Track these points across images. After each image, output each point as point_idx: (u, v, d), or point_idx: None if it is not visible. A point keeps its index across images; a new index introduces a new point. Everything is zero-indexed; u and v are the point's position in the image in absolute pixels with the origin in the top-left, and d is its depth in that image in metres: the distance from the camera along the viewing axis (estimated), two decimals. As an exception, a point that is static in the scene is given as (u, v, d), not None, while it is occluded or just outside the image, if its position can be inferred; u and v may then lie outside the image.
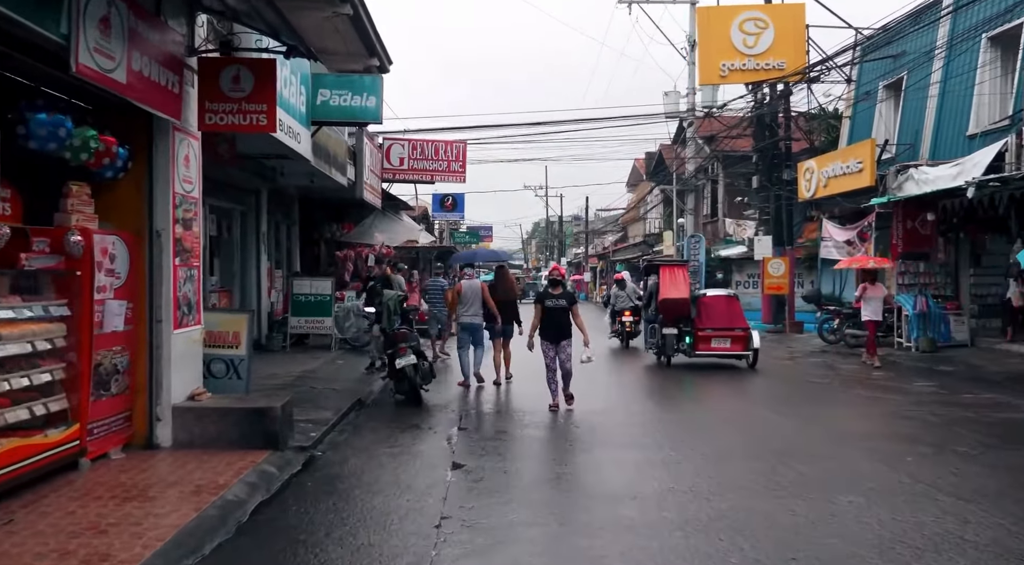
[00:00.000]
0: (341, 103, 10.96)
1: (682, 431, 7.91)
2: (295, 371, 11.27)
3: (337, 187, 15.39)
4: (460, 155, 18.83)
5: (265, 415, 6.41)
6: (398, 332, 9.44)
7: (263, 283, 14.40)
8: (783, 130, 21.69)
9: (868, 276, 13.34)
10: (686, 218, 31.25)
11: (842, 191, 17.36)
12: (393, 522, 4.85)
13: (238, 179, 13.10)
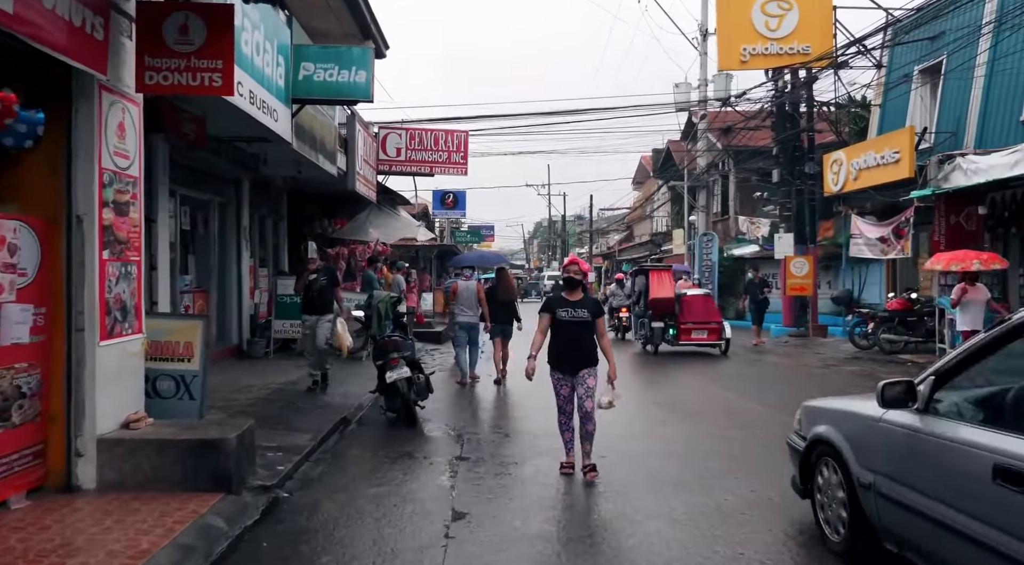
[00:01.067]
0: (327, 78, 9.63)
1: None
2: (275, 382, 9.94)
3: (328, 179, 14.07)
4: (461, 146, 17.49)
5: (216, 448, 5.08)
6: (389, 340, 8.11)
7: (244, 282, 13.08)
8: (806, 120, 20.37)
9: (969, 277, 11.79)
10: (697, 215, 29.89)
11: (875, 184, 16.02)
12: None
13: (215, 167, 11.78)
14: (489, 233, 55.71)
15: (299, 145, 10.51)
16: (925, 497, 3.43)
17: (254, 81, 7.80)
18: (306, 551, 4.30)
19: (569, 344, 5.96)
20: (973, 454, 3.11)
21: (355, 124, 14.21)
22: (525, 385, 9.00)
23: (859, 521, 3.98)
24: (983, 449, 3.07)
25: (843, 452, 4.13)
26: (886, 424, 3.79)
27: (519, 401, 9.60)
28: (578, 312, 5.95)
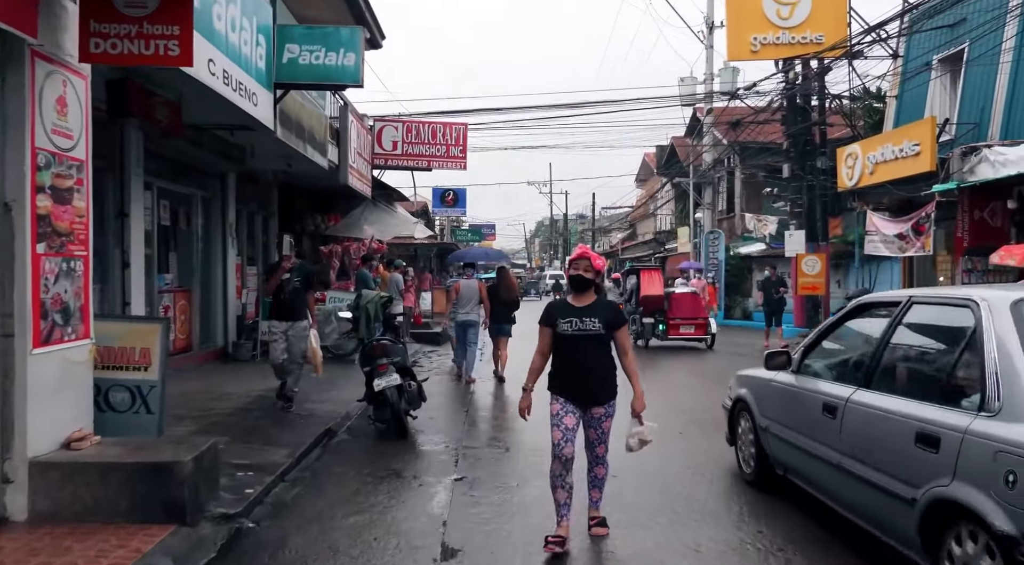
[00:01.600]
0: (312, 61, 8.92)
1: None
2: (257, 388, 9.23)
3: (320, 173, 13.40)
4: (460, 139, 16.77)
5: (168, 473, 4.38)
6: (378, 344, 7.40)
7: (230, 281, 12.38)
8: (817, 113, 19.63)
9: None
10: (703, 213, 29.17)
11: (893, 178, 15.27)
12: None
13: (198, 159, 11.10)
14: (490, 232, 54.96)
15: (284, 134, 9.81)
16: (793, 432, 4.87)
17: (229, 60, 7.10)
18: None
19: (577, 367, 4.37)
20: (816, 398, 4.58)
21: (348, 115, 13.51)
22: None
23: (761, 456, 5.43)
24: (820, 393, 4.57)
25: (752, 406, 5.62)
26: (775, 383, 5.27)
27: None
28: (588, 323, 4.33)
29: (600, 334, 4.36)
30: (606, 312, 4.44)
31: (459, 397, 9.77)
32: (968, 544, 3.15)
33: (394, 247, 29.88)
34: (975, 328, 3.48)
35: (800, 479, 4.86)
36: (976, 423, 3.20)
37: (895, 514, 3.60)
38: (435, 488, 5.53)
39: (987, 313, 3.46)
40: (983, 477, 3.07)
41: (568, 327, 4.37)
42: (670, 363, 14.11)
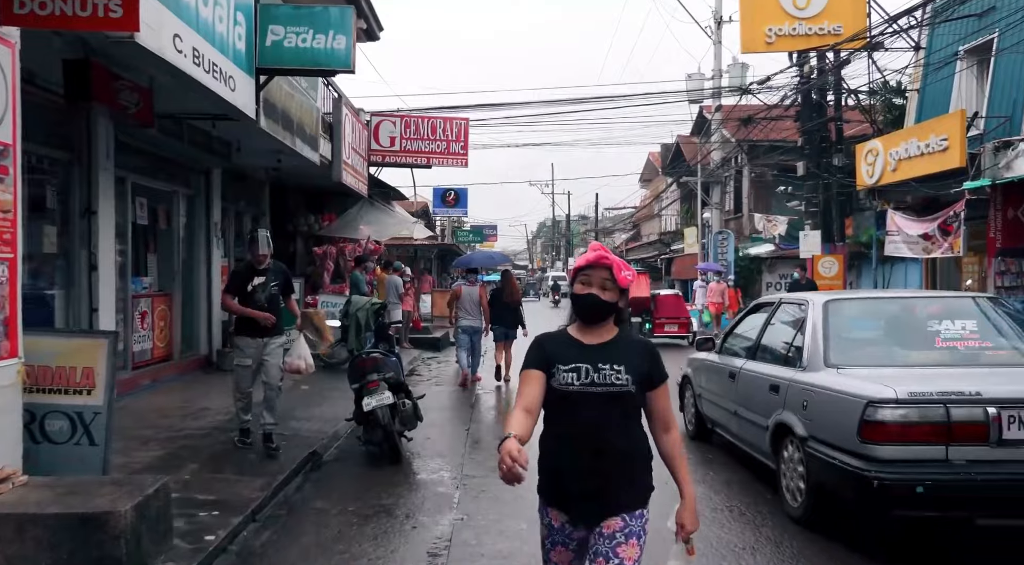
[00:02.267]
0: (299, 44, 8.10)
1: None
2: (238, 403, 8.41)
3: (314, 171, 12.62)
4: (461, 134, 15.95)
5: (101, 527, 3.57)
6: (368, 357, 6.58)
7: (215, 285, 11.55)
8: (834, 109, 18.81)
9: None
10: (712, 213, 28.34)
11: (919, 175, 14.47)
12: None
13: (179, 153, 10.30)
14: (492, 233, 54.15)
15: (269, 125, 9.00)
16: (716, 395, 6.62)
17: (200, 37, 6.29)
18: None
19: (583, 448, 2.54)
20: (726, 369, 6.33)
21: (342, 108, 12.70)
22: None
23: (698, 416, 7.27)
24: (728, 366, 6.30)
25: (692, 380, 7.43)
26: (707, 361, 7.02)
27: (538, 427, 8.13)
28: (607, 374, 2.52)
29: (627, 393, 2.51)
30: (638, 357, 2.56)
31: (460, 412, 8.96)
32: (791, 448, 4.95)
33: (393, 248, 29.05)
34: (804, 318, 5.25)
35: (719, 428, 6.80)
36: (795, 375, 5.02)
37: (759, 437, 5.48)
38: (431, 531, 4.71)
39: (810, 309, 5.27)
40: (795, 406, 4.88)
41: (572, 378, 2.50)
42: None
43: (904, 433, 4.05)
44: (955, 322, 4.98)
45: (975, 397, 4.04)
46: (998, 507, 4.09)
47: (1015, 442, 4.00)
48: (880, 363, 4.79)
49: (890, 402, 4.05)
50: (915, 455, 4.05)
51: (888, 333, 5.32)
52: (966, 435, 4.03)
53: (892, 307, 5.70)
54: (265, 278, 6.56)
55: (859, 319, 5.46)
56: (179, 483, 5.31)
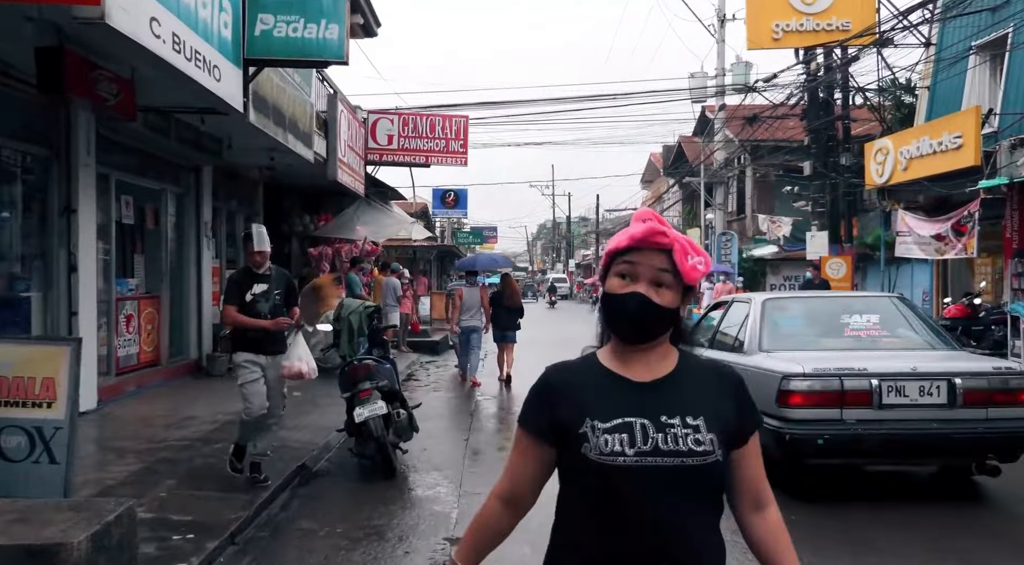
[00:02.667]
0: (290, 34, 7.71)
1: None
2: (226, 412, 7.99)
3: (309, 170, 12.25)
4: (461, 132, 15.56)
5: (50, 560, 3.16)
6: (359, 365, 6.18)
7: (206, 287, 11.18)
8: (841, 107, 18.43)
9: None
10: (715, 214, 27.96)
11: (931, 174, 14.07)
12: None
13: (167, 150, 9.91)
14: (492, 234, 53.83)
15: (259, 120, 8.61)
16: None
17: (181, 22, 5.89)
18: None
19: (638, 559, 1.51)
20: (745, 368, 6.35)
21: (337, 104, 12.31)
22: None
23: None
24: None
25: None
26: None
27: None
28: (679, 432, 1.52)
29: (713, 464, 1.53)
30: (719, 397, 1.62)
31: (459, 421, 8.56)
32: None
33: (391, 249, 28.68)
34: (748, 313, 6.19)
35: None
36: (738, 359, 5.74)
37: None
38: (424, 556, 4.31)
39: (752, 306, 6.30)
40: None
41: (621, 445, 1.52)
42: None
43: (809, 399, 5.22)
44: (863, 317, 6.23)
45: (862, 372, 5.24)
46: (880, 455, 5.56)
47: (891, 406, 5.22)
48: (799, 348, 5.87)
49: (799, 376, 5.23)
50: (817, 416, 5.22)
51: (809, 325, 6.48)
52: (855, 401, 5.20)
53: (816, 305, 7.08)
54: (267, 286, 5.47)
55: (789, 315, 6.61)
56: (154, 502, 4.92)
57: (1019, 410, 5.26)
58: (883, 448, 5.30)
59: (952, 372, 5.28)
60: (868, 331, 6.11)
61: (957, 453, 5.50)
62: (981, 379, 5.30)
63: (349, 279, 13.83)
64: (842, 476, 5.92)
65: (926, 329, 6.35)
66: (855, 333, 6.10)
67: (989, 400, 5.28)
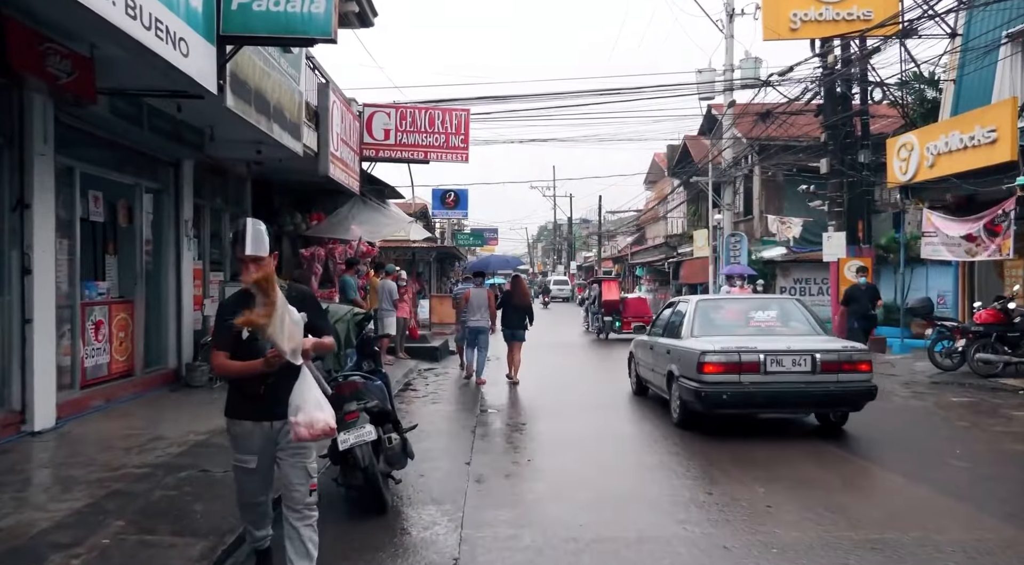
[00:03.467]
0: (271, 7, 6.86)
1: None
2: (198, 431, 7.16)
3: (300, 166, 11.45)
4: (462, 126, 14.72)
5: None
6: (345, 383, 5.32)
7: (186, 290, 10.34)
8: (860, 101, 17.60)
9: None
10: (723, 214, 27.12)
11: (961, 170, 13.28)
12: None
13: (142, 141, 9.09)
14: (493, 236, 53.04)
15: (239, 105, 7.76)
16: (645, 362, 9.92)
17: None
18: None
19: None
20: (648, 343, 9.70)
21: (329, 94, 11.48)
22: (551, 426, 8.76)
23: (638, 378, 10.49)
24: (650, 341, 9.67)
25: (634, 354, 10.77)
26: (640, 340, 10.50)
27: (548, 450, 6.88)
28: None
29: None
30: None
31: (460, 440, 7.71)
32: (674, 384, 8.17)
33: (390, 251, 27.83)
34: (687, 310, 8.66)
35: (647, 384, 10.01)
36: (677, 343, 8.31)
37: (662, 381, 8.71)
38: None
39: (689, 305, 8.80)
40: (676, 359, 8.18)
41: None
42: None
43: (718, 368, 7.43)
44: (764, 313, 8.65)
45: (754, 349, 7.51)
46: (765, 407, 7.87)
47: (773, 372, 7.43)
48: (716, 334, 8.14)
49: (711, 352, 7.53)
50: (723, 380, 7.43)
51: (726, 319, 8.72)
52: (748, 369, 7.42)
53: (734, 305, 9.55)
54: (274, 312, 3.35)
55: (714, 311, 8.85)
56: (92, 553, 4.07)
57: (859, 375, 7.56)
58: (767, 401, 7.65)
59: (814, 349, 7.59)
60: (766, 323, 8.52)
61: (818, 405, 7.90)
62: (833, 354, 7.57)
63: (344, 282, 12.99)
64: (741, 421, 8.25)
65: (807, 321, 8.56)
66: (757, 324, 8.51)
67: (839, 368, 7.50)
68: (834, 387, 7.45)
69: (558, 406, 9.99)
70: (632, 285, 40.37)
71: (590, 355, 17.53)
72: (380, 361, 6.22)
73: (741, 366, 7.39)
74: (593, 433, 8.13)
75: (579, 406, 9.94)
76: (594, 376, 13.50)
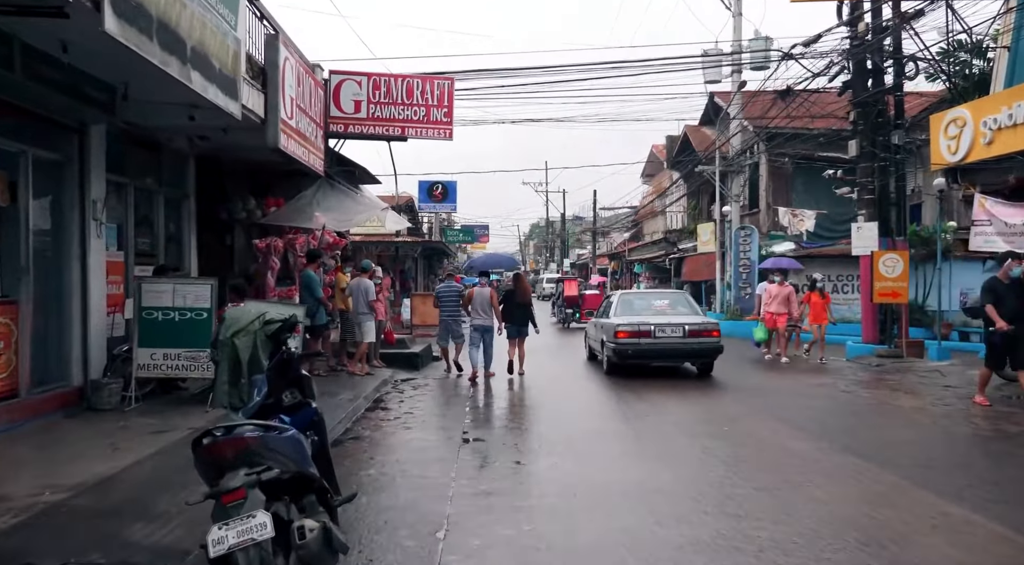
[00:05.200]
0: None
1: None
2: (63, 483, 5.09)
3: (254, 143, 9.43)
4: (445, 97, 12.66)
5: None
6: (226, 440, 3.24)
7: (93, 289, 8.25)
8: (894, 75, 15.66)
9: None
10: (732, 206, 25.16)
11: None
12: None
13: (22, 96, 7.04)
14: (483, 233, 50.88)
15: (125, 32, 5.62)
16: (591, 337, 14.52)
17: None
18: None
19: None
20: (596, 323, 13.97)
21: (279, 47, 9.42)
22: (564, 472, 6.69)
23: (589, 350, 14.94)
24: (596, 321, 14.11)
25: (586, 333, 15.64)
26: (593, 321, 14.71)
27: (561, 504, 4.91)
28: None
29: None
30: None
31: (434, 487, 5.65)
32: (604, 348, 12.69)
33: (371, 245, 25.75)
34: (614, 300, 13.61)
35: (593, 351, 14.13)
36: (606, 321, 12.62)
37: (599, 346, 13.04)
38: None
39: (615, 297, 14.00)
40: (606, 331, 12.49)
41: None
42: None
43: (626, 334, 11.72)
44: (661, 301, 13.32)
45: (648, 324, 11.87)
46: (656, 358, 12.16)
47: (659, 337, 11.74)
48: (628, 315, 12.40)
49: (623, 325, 11.84)
50: (630, 342, 11.71)
51: (637, 305, 13.14)
52: (645, 335, 11.72)
53: (642, 296, 14.97)
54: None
55: (630, 301, 13.50)
56: None
57: (712, 339, 11.87)
58: (656, 355, 12.01)
59: (685, 322, 11.94)
60: (661, 308, 12.86)
61: (686, 357, 12.27)
62: (697, 326, 11.98)
63: (306, 278, 10.95)
64: (640, 369, 12.18)
65: (688, 306, 13.06)
66: (655, 309, 12.79)
67: (699, 334, 11.85)
68: (696, 346, 11.89)
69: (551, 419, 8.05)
70: (630, 283, 38.41)
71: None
72: (311, 389, 4.17)
73: (640, 333, 11.77)
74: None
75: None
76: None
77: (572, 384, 11.81)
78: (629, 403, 9.69)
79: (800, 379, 12.21)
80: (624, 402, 9.78)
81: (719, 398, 10.23)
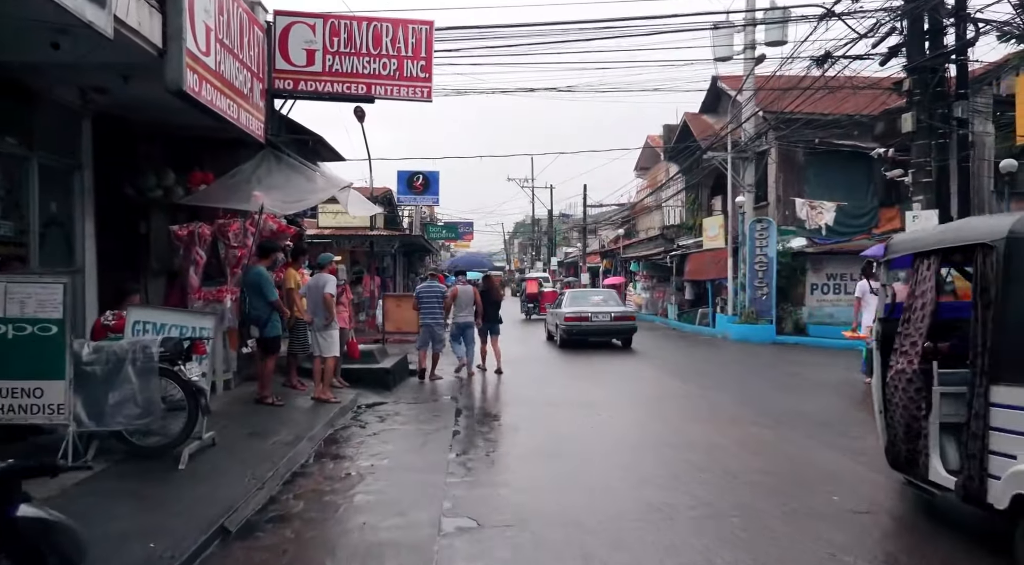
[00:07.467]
0: None
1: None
2: None
3: (174, 104, 6.76)
4: (422, 46, 9.96)
5: None
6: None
7: None
8: (955, 36, 13.20)
9: None
10: (745, 197, 22.64)
11: None
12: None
13: None
14: (467, 230, 48.14)
15: None
16: (551, 322, 20.52)
17: None
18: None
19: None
20: (552, 313, 20.75)
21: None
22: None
23: (547, 332, 21.47)
24: (552, 311, 21.18)
25: (547, 320, 22.51)
26: (551, 310, 21.42)
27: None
28: None
29: None
30: None
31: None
32: (557, 330, 18.96)
33: (343, 239, 22.96)
34: (565, 296, 21.34)
35: (551, 333, 20.41)
36: (559, 310, 19.18)
37: (555, 328, 19.38)
38: None
39: (567, 294, 21.06)
40: (558, 317, 18.83)
41: None
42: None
43: (571, 319, 17.86)
44: (598, 297, 19.66)
45: (586, 312, 18.11)
46: (591, 336, 18.08)
47: (594, 321, 17.95)
48: (574, 306, 18.57)
49: (569, 313, 18.09)
50: (573, 325, 17.86)
51: (581, 299, 19.38)
52: (584, 320, 17.93)
53: (584, 292, 22.41)
54: None
55: (576, 296, 19.81)
56: None
57: (630, 321, 18.42)
58: (592, 334, 17.89)
59: (611, 310, 18.32)
60: (597, 301, 18.95)
61: (613, 334, 18.31)
62: (619, 312, 18.46)
63: (255, 277, 8.33)
64: (581, 344, 17.72)
65: (616, 300, 19.67)
66: (593, 301, 18.87)
67: (622, 319, 18.28)
68: (619, 326, 18.07)
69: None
70: (626, 282, 35.93)
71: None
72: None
73: (581, 318, 17.70)
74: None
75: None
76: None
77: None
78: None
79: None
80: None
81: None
